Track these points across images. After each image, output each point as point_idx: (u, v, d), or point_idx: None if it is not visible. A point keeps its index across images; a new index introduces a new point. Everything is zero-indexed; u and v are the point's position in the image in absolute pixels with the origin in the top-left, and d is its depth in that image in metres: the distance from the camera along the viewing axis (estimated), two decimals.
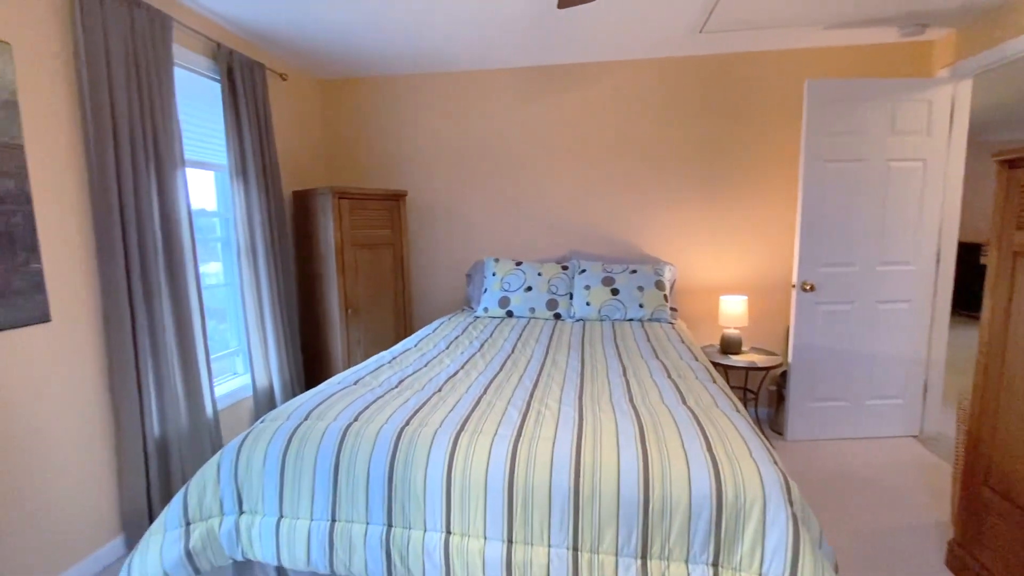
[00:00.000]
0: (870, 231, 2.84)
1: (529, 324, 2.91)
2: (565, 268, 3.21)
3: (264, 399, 2.87)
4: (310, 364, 3.27)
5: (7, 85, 1.65)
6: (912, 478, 2.55)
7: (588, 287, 3.06)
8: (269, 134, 2.86)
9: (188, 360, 2.27)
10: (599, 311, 2.99)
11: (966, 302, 6.18)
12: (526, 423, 1.51)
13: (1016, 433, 1.64)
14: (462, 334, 2.67)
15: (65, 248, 1.86)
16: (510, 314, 3.11)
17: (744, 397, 3.33)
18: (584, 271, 3.14)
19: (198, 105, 2.56)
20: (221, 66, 2.55)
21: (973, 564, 1.78)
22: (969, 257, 6.10)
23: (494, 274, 3.22)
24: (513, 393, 1.77)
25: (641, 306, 2.96)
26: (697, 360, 2.14)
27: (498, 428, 1.48)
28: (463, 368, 2.07)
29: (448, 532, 1.36)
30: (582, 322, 2.97)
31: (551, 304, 3.08)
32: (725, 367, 2.98)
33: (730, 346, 3.07)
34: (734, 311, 3.07)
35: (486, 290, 3.20)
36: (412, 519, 1.38)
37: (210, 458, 1.93)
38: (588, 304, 3.02)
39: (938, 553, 1.99)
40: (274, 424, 1.57)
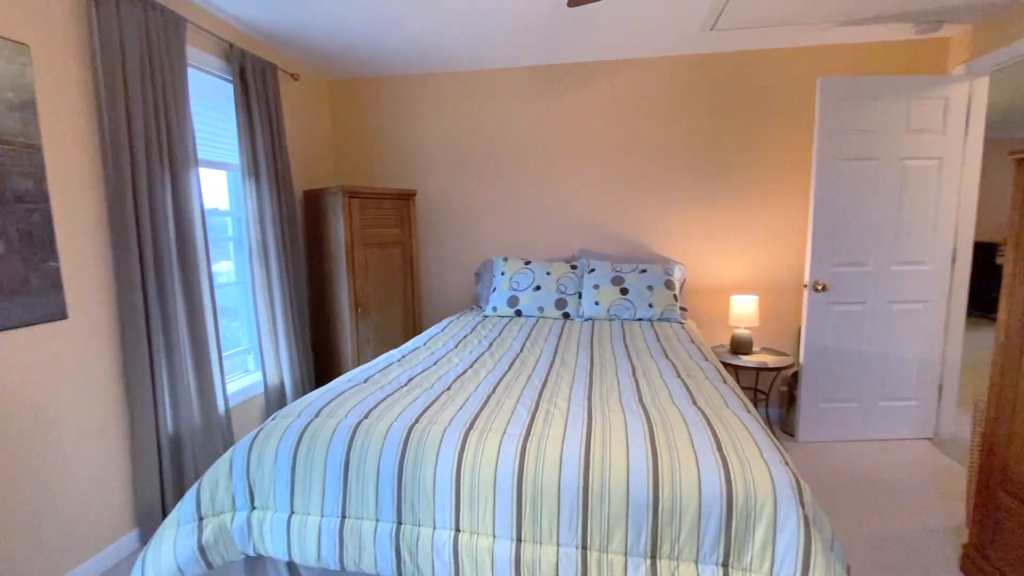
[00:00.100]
0: (884, 230, 2.81)
1: (538, 323, 2.91)
2: (574, 267, 3.20)
3: (275, 396, 2.90)
4: (320, 362, 3.30)
5: (25, 86, 1.68)
6: (926, 481, 2.51)
7: (597, 286, 3.06)
8: (280, 134, 2.89)
9: (201, 358, 2.29)
10: (608, 311, 2.98)
11: (982, 303, 6.08)
12: (535, 422, 1.51)
13: None
14: (471, 333, 2.67)
15: (81, 247, 1.89)
16: (519, 313, 3.11)
17: (754, 398, 3.30)
18: (593, 270, 3.14)
19: (211, 105, 2.59)
20: (234, 67, 2.58)
21: (988, 568, 1.75)
22: (985, 257, 6.00)
23: (503, 273, 3.23)
24: (522, 392, 1.77)
25: (651, 306, 2.95)
26: (707, 360, 2.13)
27: (507, 427, 1.48)
28: (472, 367, 2.08)
29: (457, 530, 1.36)
30: (591, 321, 2.96)
31: (560, 303, 3.08)
32: (735, 367, 2.96)
33: (740, 346, 3.05)
34: (745, 311, 3.05)
35: (495, 289, 3.20)
36: (421, 516, 1.39)
37: (222, 454, 1.96)
38: (597, 303, 3.01)
39: (952, 557, 1.96)
40: (285, 421, 1.58)
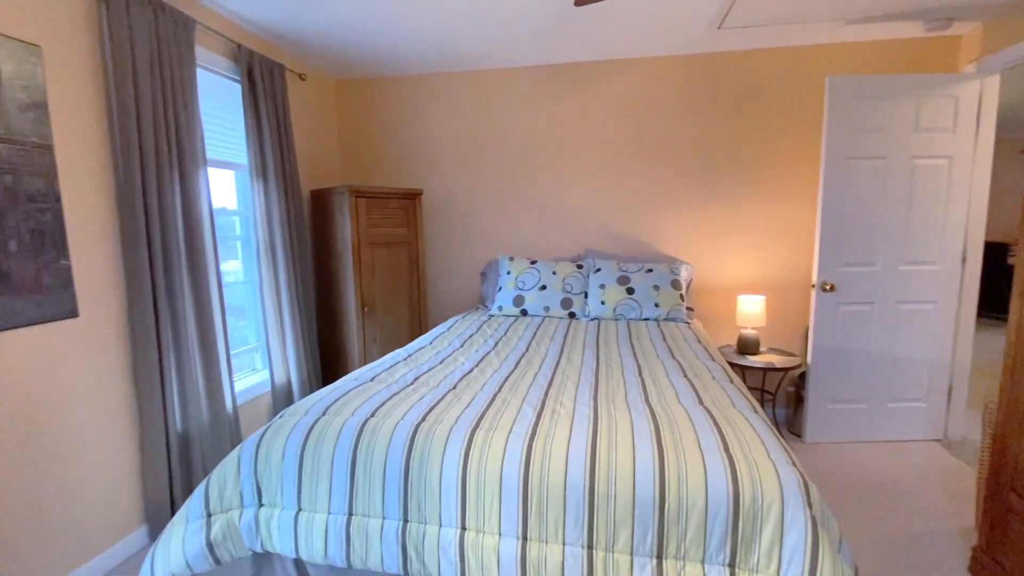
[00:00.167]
0: (893, 230, 2.79)
1: (544, 323, 2.91)
2: (580, 267, 3.20)
3: (282, 395, 2.92)
4: (327, 361, 3.31)
5: (37, 87, 1.70)
6: (935, 482, 2.49)
7: (603, 286, 3.05)
8: (288, 134, 2.90)
9: (209, 356, 2.31)
10: (614, 310, 2.98)
11: (992, 303, 6.01)
12: (541, 421, 1.51)
13: None
14: (476, 332, 2.68)
15: (92, 245, 1.91)
16: (524, 313, 3.11)
17: (761, 398, 3.28)
18: (599, 270, 3.13)
19: (219, 105, 2.61)
20: (242, 67, 2.59)
21: (997, 571, 1.74)
22: (996, 257, 5.93)
23: (508, 273, 3.23)
24: (528, 391, 1.77)
25: (657, 305, 2.94)
26: (714, 360, 2.12)
27: (513, 425, 1.48)
28: (478, 366, 2.08)
29: (463, 528, 1.37)
30: (597, 321, 2.96)
31: (566, 303, 3.07)
32: (742, 367, 2.95)
33: (747, 346, 3.04)
34: (752, 311, 3.03)
35: (500, 288, 3.20)
36: (428, 515, 1.39)
37: (230, 452, 1.97)
38: (603, 303, 3.01)
39: (961, 559, 1.94)
40: (292, 419, 1.59)
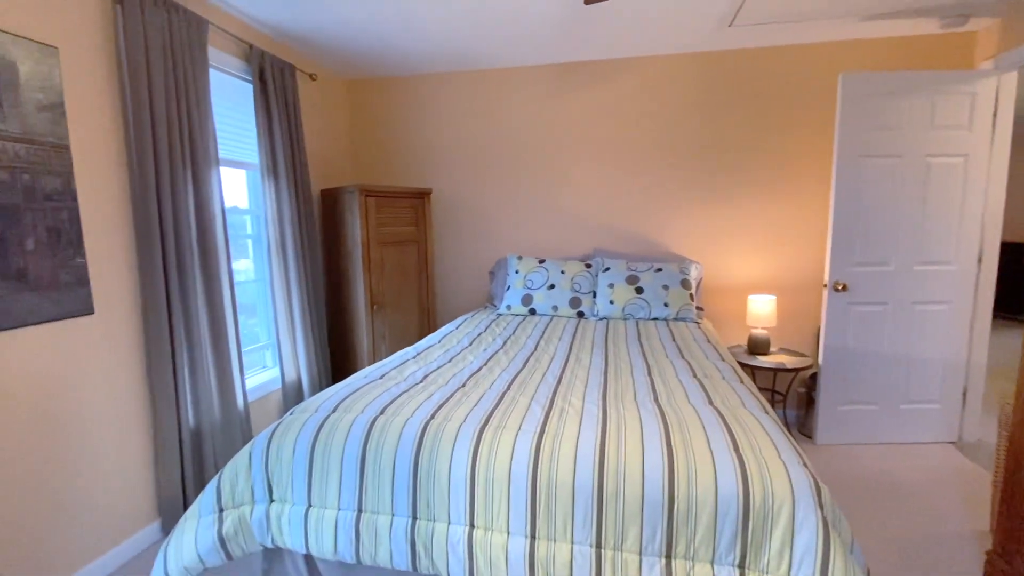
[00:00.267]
0: (907, 229, 2.75)
1: (552, 322, 2.91)
2: (589, 266, 3.19)
3: (292, 392, 2.94)
4: (337, 358, 3.34)
5: (55, 88, 1.73)
6: (949, 485, 2.46)
7: (612, 285, 3.04)
8: (299, 133, 2.92)
9: (221, 353, 2.34)
10: (623, 310, 2.97)
11: (1008, 304, 5.91)
12: (549, 420, 1.51)
13: None
14: (485, 331, 2.68)
15: (107, 244, 1.94)
16: (533, 312, 3.11)
17: (772, 399, 3.26)
18: (608, 269, 3.12)
19: (231, 105, 2.63)
20: (253, 67, 2.62)
21: (1012, 575, 1.71)
22: (1013, 257, 5.83)
23: (517, 271, 3.23)
24: (536, 390, 1.77)
25: (666, 305, 2.93)
26: (724, 360, 2.11)
27: (521, 424, 1.48)
28: (486, 364, 2.08)
29: (472, 526, 1.37)
30: (605, 320, 2.95)
31: (574, 302, 3.07)
32: (752, 368, 2.92)
33: (758, 346, 3.02)
34: (762, 311, 3.01)
35: (509, 287, 3.20)
36: (436, 512, 1.40)
37: (241, 448, 1.99)
38: (612, 303, 3.00)
39: (976, 563, 1.92)
40: (303, 416, 1.61)
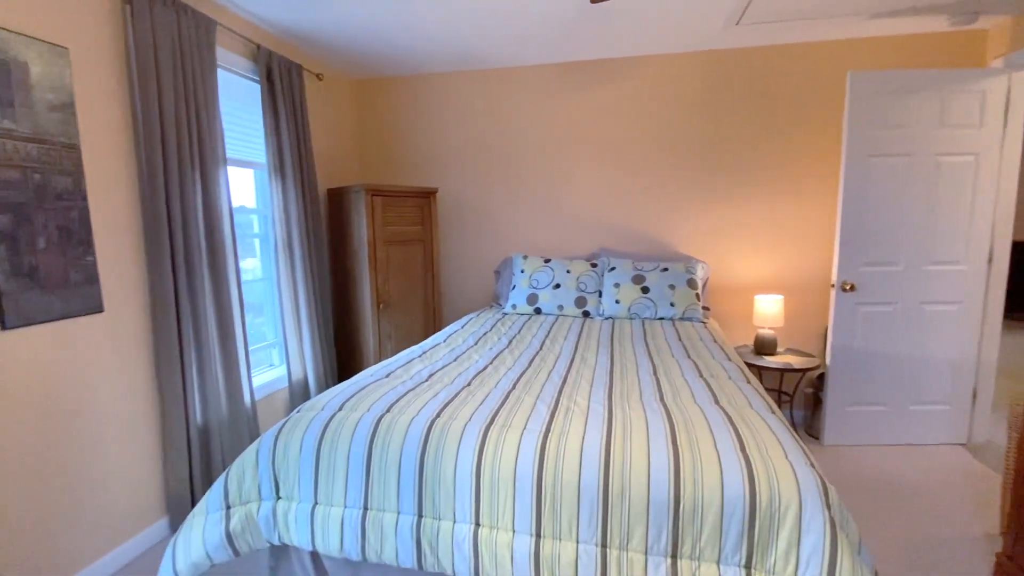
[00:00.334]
0: (916, 229, 2.73)
1: (557, 321, 2.91)
2: (594, 265, 3.18)
3: (299, 390, 2.96)
4: (343, 357, 3.35)
5: (65, 88, 1.75)
6: (958, 487, 2.44)
7: (618, 285, 3.04)
8: (306, 133, 2.94)
9: (228, 352, 2.35)
10: (629, 309, 2.96)
11: (1019, 304, 5.84)
12: (555, 419, 1.51)
13: None
14: (490, 330, 2.68)
15: (117, 243, 1.95)
16: (538, 311, 3.11)
17: (779, 399, 3.24)
18: (614, 269, 3.12)
19: (238, 105, 2.65)
20: (261, 67, 2.63)
21: None
22: None
23: (522, 271, 3.23)
24: (542, 389, 1.77)
25: (672, 305, 2.92)
26: (730, 360, 2.10)
27: (527, 423, 1.48)
28: (492, 364, 2.09)
29: (477, 524, 1.37)
30: (611, 320, 2.95)
31: (580, 302, 3.06)
32: (759, 368, 2.91)
33: (764, 347, 3.00)
34: (769, 311, 2.99)
35: (514, 287, 3.20)
36: (442, 510, 1.40)
37: (249, 445, 2.01)
38: (618, 302, 2.99)
39: (985, 565, 1.90)
40: (309, 414, 1.61)
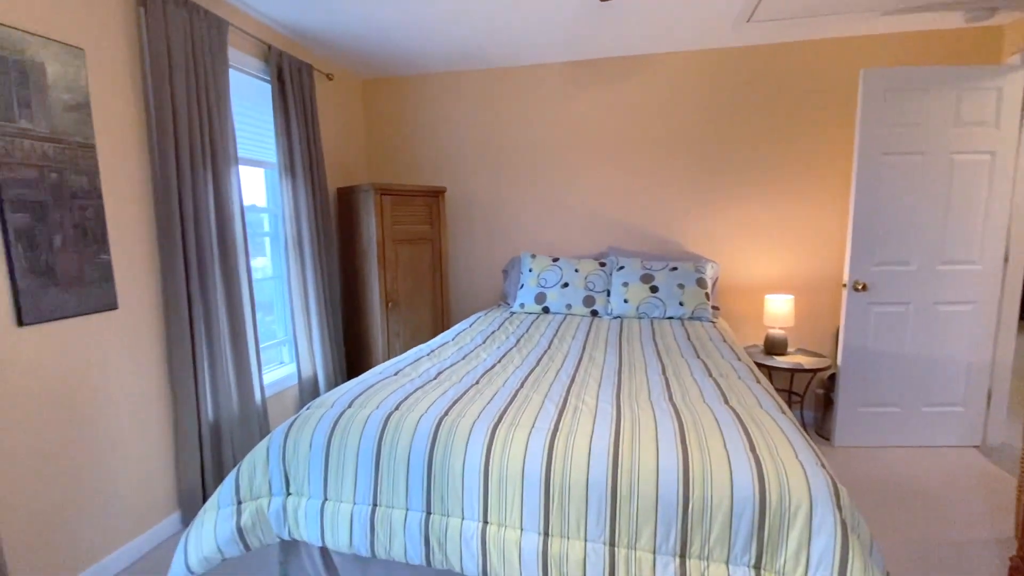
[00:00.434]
0: (930, 228, 2.69)
1: (566, 320, 2.91)
2: (603, 265, 3.18)
3: (308, 387, 2.98)
4: (352, 355, 3.37)
5: (81, 88, 1.78)
6: (972, 490, 2.40)
7: (626, 284, 3.03)
8: (316, 132, 2.96)
9: (239, 349, 2.38)
10: (637, 309, 2.95)
11: None
12: (563, 417, 1.51)
13: None
14: (498, 329, 2.69)
15: (131, 241, 1.98)
16: (546, 310, 3.10)
17: (789, 400, 3.21)
18: (622, 268, 3.11)
19: (249, 105, 2.67)
20: (272, 68, 2.65)
21: None
22: None
23: (530, 270, 3.23)
24: (550, 388, 1.77)
25: (681, 304, 2.90)
26: (740, 360, 2.08)
27: (535, 421, 1.49)
28: (500, 362, 2.09)
29: (485, 522, 1.38)
30: (620, 319, 2.94)
31: (588, 301, 3.06)
32: (769, 368, 2.89)
33: (775, 347, 2.98)
34: (779, 311, 2.97)
35: (522, 286, 3.21)
36: (450, 507, 1.41)
37: (259, 442, 2.03)
38: (626, 301, 2.98)
39: (999, 570, 1.87)
40: (319, 411, 1.63)
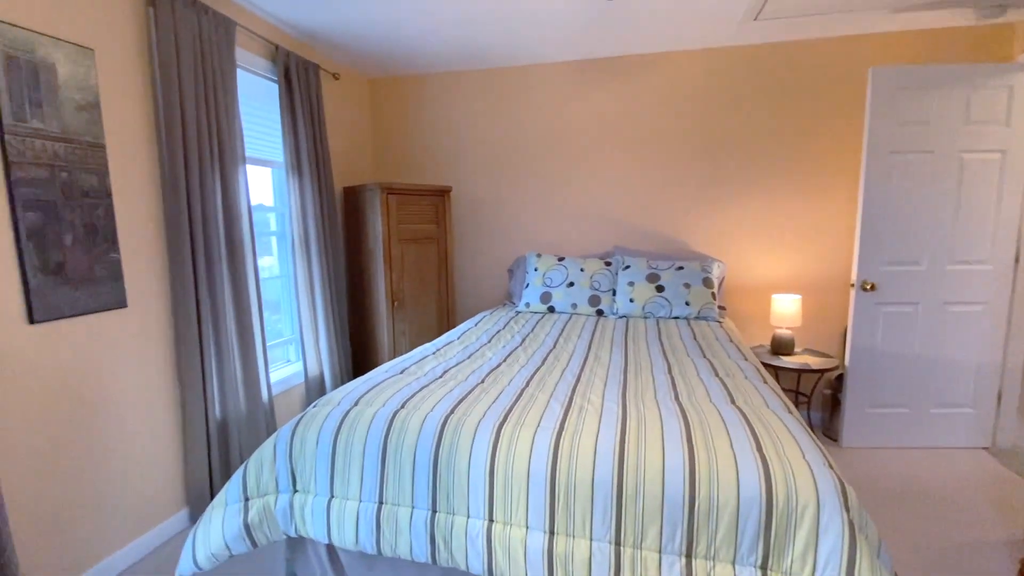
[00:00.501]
0: (939, 227, 2.66)
1: (571, 320, 2.90)
2: (608, 264, 3.17)
3: (315, 386, 2.99)
4: (358, 353, 3.38)
5: (91, 88, 1.79)
6: (982, 492, 2.38)
7: (632, 283, 3.02)
8: (322, 132, 2.97)
9: (246, 348, 2.39)
10: (643, 308, 2.94)
11: None
12: (568, 417, 1.51)
13: None
14: (504, 328, 2.69)
15: (140, 239, 2.00)
16: (552, 310, 3.10)
17: (796, 400, 3.20)
18: (628, 267, 3.10)
19: (257, 104, 2.69)
20: (279, 68, 2.66)
21: None
22: None
23: (536, 269, 3.23)
24: (555, 387, 1.77)
25: (687, 304, 2.89)
26: (747, 360, 2.08)
27: (541, 420, 1.49)
28: (505, 361, 2.09)
29: (491, 520, 1.38)
30: (625, 319, 2.93)
31: (593, 300, 3.05)
32: (776, 368, 2.87)
33: (782, 347, 2.96)
34: (786, 310, 2.95)
35: (528, 285, 3.20)
36: (456, 505, 1.41)
37: (266, 439, 2.04)
38: (632, 301, 2.97)
39: (1009, 571, 1.85)
40: (325, 409, 1.63)
